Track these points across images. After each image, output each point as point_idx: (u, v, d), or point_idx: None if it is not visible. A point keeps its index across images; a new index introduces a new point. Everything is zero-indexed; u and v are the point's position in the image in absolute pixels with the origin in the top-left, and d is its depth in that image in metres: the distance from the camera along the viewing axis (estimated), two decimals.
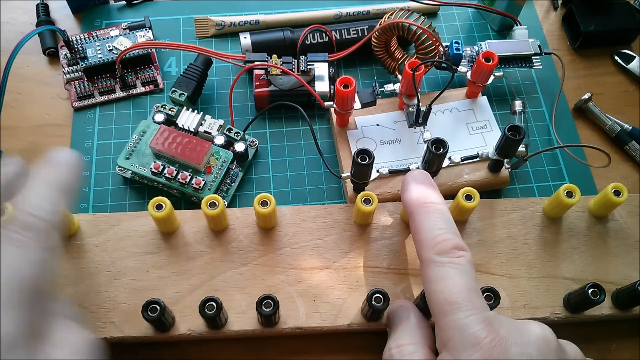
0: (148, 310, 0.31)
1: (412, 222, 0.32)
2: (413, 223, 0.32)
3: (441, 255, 0.30)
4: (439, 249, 0.30)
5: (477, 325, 0.27)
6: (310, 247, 0.37)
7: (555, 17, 0.53)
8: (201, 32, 0.49)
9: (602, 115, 0.46)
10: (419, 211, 0.32)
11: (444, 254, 0.30)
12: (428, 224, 0.31)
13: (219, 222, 0.36)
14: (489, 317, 0.27)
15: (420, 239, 0.31)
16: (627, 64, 0.49)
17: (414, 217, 0.32)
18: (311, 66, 0.44)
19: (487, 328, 0.27)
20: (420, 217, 0.32)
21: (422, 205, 0.32)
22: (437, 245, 0.30)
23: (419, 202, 0.32)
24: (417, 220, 0.32)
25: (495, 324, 0.27)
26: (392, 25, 0.42)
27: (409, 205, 0.33)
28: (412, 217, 0.32)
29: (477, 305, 0.28)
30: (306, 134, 0.45)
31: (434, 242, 0.30)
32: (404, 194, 0.34)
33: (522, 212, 0.38)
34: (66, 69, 0.46)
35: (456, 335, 0.27)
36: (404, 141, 0.42)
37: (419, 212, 0.32)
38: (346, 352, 0.36)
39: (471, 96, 0.44)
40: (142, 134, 0.41)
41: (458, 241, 0.30)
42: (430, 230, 0.31)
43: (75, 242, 0.36)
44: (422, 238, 0.31)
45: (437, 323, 0.29)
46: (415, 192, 0.33)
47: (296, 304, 0.35)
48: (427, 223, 0.31)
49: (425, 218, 0.32)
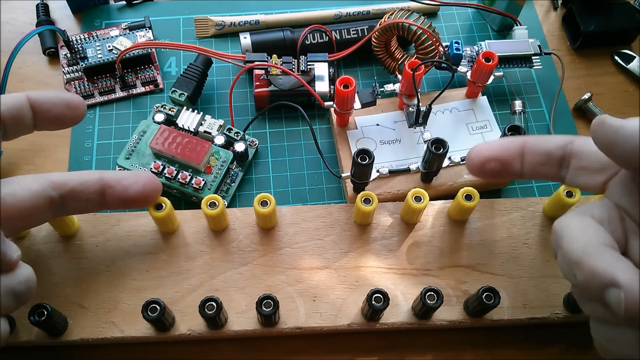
0: (148, 310, 0.31)
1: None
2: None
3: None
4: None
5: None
6: (310, 247, 0.37)
7: (555, 17, 0.53)
8: (201, 32, 0.49)
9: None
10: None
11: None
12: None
13: (219, 222, 0.36)
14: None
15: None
16: (627, 64, 0.49)
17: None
18: (311, 66, 0.44)
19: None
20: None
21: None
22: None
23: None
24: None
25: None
26: (392, 25, 0.42)
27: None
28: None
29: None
30: (306, 134, 0.45)
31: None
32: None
33: (522, 212, 0.38)
34: (66, 69, 0.46)
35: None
36: (404, 141, 0.42)
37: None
38: (346, 352, 0.36)
39: (471, 96, 0.44)
40: (142, 134, 0.41)
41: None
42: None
43: (75, 242, 0.36)
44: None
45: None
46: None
47: (296, 304, 0.35)
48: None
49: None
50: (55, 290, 0.35)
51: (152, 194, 0.33)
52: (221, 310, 0.31)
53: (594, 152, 0.29)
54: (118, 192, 0.32)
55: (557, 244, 0.28)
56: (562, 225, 0.27)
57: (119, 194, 0.32)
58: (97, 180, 0.32)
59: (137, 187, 0.32)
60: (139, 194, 0.32)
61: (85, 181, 0.31)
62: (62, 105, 0.32)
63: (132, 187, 0.32)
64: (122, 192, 0.32)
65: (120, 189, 0.32)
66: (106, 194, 0.32)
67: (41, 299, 0.33)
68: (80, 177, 0.31)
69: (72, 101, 0.32)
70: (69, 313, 0.34)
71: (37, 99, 0.31)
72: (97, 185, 0.31)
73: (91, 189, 0.31)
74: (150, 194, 0.33)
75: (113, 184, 0.32)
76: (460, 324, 0.35)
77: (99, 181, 0.32)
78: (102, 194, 0.32)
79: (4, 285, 0.27)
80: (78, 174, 0.32)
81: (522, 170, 0.31)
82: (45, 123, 0.32)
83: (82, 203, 0.31)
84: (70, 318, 0.34)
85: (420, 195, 0.36)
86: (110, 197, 0.32)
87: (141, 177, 0.33)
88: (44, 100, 0.31)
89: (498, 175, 0.32)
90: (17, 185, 0.29)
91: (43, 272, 0.35)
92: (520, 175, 0.32)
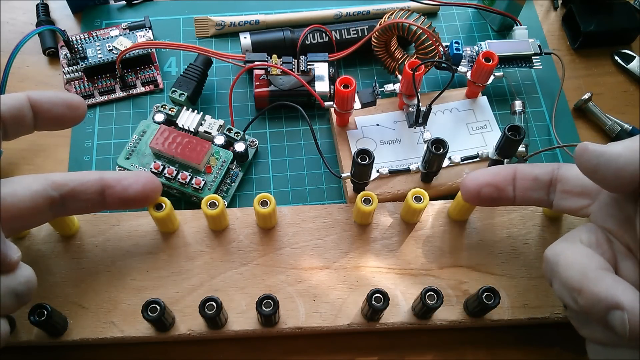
0: (148, 310, 0.31)
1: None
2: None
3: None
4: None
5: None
6: (310, 247, 0.37)
7: (555, 17, 0.53)
8: (201, 32, 0.49)
9: (602, 115, 0.46)
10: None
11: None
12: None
13: (219, 222, 0.36)
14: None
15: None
16: (627, 64, 0.49)
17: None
18: (311, 66, 0.44)
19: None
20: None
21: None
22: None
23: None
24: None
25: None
26: (392, 25, 0.42)
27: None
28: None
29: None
30: (306, 134, 0.45)
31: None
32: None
33: (522, 212, 0.38)
34: (66, 69, 0.46)
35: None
36: (404, 141, 0.42)
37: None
38: (346, 352, 0.36)
39: (471, 96, 0.44)
40: (142, 134, 0.41)
41: None
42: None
43: (75, 242, 0.36)
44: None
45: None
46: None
47: (296, 304, 0.35)
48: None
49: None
50: (55, 290, 0.35)
51: (152, 194, 0.33)
52: (221, 310, 0.31)
53: (576, 177, 0.30)
54: (118, 192, 0.32)
55: (552, 272, 0.28)
56: (555, 253, 0.28)
57: (119, 194, 0.32)
58: (97, 180, 0.32)
59: (137, 187, 0.32)
60: (139, 193, 0.32)
61: (85, 181, 0.31)
62: (63, 106, 0.32)
63: (132, 187, 0.32)
64: (122, 192, 0.32)
65: (120, 189, 0.32)
66: (106, 194, 0.32)
67: (41, 299, 0.33)
68: (81, 178, 0.31)
69: (72, 101, 0.32)
70: (69, 313, 0.34)
71: (37, 99, 0.31)
72: (97, 186, 0.32)
73: (91, 189, 0.31)
74: (150, 194, 0.33)
75: (113, 184, 0.32)
76: (460, 324, 0.35)
77: (99, 181, 0.32)
78: (102, 194, 0.32)
79: (5, 286, 0.27)
80: (78, 174, 0.32)
81: (515, 195, 0.33)
82: (46, 123, 0.32)
83: (82, 203, 0.32)
84: (70, 318, 0.34)
85: (420, 195, 0.36)
86: (110, 197, 0.32)
87: (141, 177, 0.33)
88: (44, 101, 0.31)
89: (492, 201, 0.33)
90: (17, 185, 0.29)
91: (43, 272, 0.35)
92: (512, 200, 0.33)
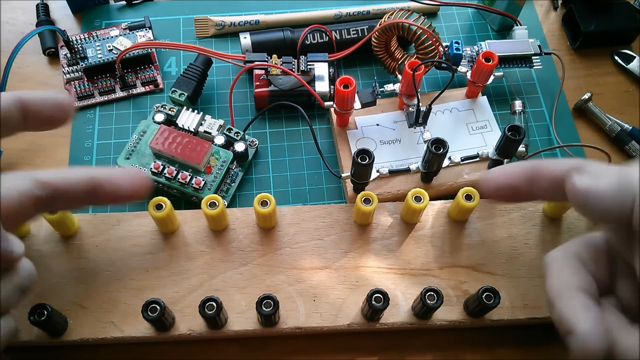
0: (148, 310, 0.31)
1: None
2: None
3: None
4: None
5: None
6: (310, 247, 0.37)
7: (555, 17, 0.53)
8: (201, 32, 0.49)
9: (602, 115, 0.46)
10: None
11: None
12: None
13: (219, 222, 0.36)
14: None
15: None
16: (627, 64, 0.49)
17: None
18: (311, 66, 0.44)
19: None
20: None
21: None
22: None
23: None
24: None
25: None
26: (392, 25, 0.42)
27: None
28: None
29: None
30: (306, 134, 0.45)
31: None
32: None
33: (522, 212, 0.38)
34: (66, 69, 0.46)
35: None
36: (404, 141, 0.42)
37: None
38: (346, 352, 0.36)
39: (471, 96, 0.44)
40: (142, 134, 0.41)
41: None
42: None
43: (75, 242, 0.36)
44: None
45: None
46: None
47: (296, 304, 0.35)
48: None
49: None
50: (55, 290, 0.35)
51: (141, 189, 0.32)
52: (221, 310, 0.31)
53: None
54: (106, 189, 0.31)
55: (544, 276, 0.29)
56: (549, 260, 0.29)
57: (107, 191, 0.31)
58: (84, 178, 0.31)
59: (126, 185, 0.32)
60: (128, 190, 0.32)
61: (73, 181, 0.31)
62: (52, 105, 0.32)
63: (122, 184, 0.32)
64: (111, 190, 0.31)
65: (108, 187, 0.31)
66: (95, 191, 0.31)
67: (41, 299, 0.33)
68: (68, 176, 0.31)
69: (61, 101, 0.32)
70: (69, 313, 0.34)
71: (27, 100, 0.31)
72: (86, 184, 0.31)
73: (79, 188, 0.31)
74: (140, 189, 0.32)
75: (102, 182, 0.31)
76: (460, 324, 0.35)
77: (88, 180, 0.31)
78: (91, 191, 0.31)
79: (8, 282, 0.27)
80: (66, 172, 0.31)
81: (534, 192, 0.31)
82: (36, 123, 0.32)
83: (70, 202, 0.31)
84: (70, 318, 0.34)
85: (420, 195, 0.36)
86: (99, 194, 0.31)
87: (129, 172, 0.32)
88: (34, 101, 0.31)
89: (512, 198, 0.32)
90: (1, 184, 0.29)
91: (43, 272, 0.35)
92: (532, 196, 0.32)
